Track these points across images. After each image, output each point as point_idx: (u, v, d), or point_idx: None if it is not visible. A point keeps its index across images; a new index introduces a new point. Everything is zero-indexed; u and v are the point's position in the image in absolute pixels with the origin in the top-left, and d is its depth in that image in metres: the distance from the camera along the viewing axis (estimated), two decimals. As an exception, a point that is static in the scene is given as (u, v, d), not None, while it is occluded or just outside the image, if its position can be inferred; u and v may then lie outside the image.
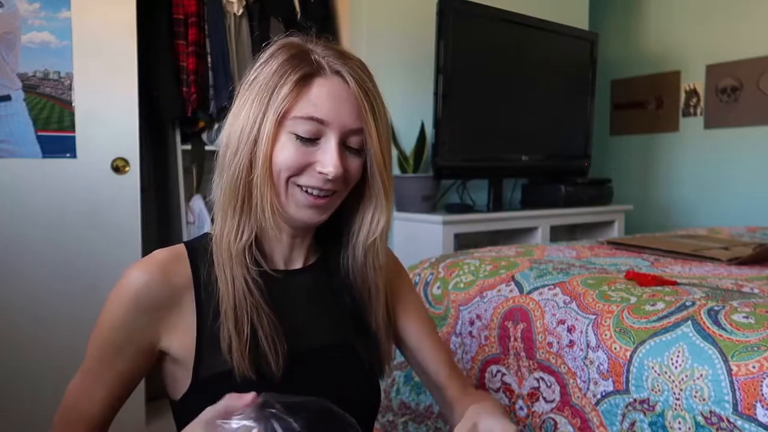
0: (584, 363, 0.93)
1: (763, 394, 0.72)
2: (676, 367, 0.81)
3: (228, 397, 0.61)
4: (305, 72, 0.72)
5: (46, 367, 1.90)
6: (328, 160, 0.72)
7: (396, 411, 1.25)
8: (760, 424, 0.71)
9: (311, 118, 0.71)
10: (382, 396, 0.90)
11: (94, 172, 1.96)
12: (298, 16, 2.42)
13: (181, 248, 0.77)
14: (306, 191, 0.73)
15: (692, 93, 3.27)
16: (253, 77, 0.74)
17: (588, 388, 0.92)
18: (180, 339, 0.73)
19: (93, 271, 1.95)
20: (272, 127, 0.71)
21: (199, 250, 0.76)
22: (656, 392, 0.82)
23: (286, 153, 0.72)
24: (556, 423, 0.96)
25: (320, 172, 0.72)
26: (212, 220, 0.78)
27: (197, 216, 2.31)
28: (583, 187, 2.84)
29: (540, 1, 2.91)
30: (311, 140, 0.72)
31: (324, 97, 0.72)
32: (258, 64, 0.75)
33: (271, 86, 0.72)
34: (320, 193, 0.73)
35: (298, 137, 0.72)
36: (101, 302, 0.74)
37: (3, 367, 1.85)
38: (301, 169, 0.73)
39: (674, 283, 1.05)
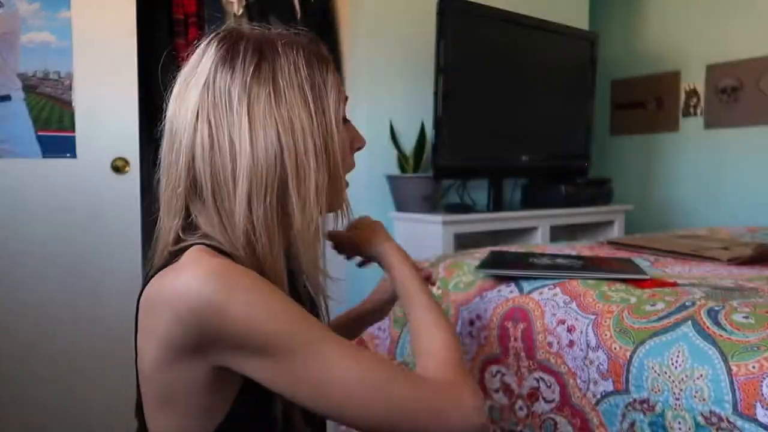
0: (584, 363, 0.93)
1: (763, 394, 0.72)
2: (676, 367, 0.81)
3: None
4: (324, 54, 0.71)
5: (46, 368, 1.90)
6: (359, 133, 0.72)
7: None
8: (760, 424, 0.71)
9: (346, 98, 0.71)
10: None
11: (94, 172, 1.96)
12: (298, 16, 2.43)
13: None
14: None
15: (692, 93, 3.26)
16: (263, 77, 0.65)
17: (588, 388, 0.92)
18: None
19: (93, 272, 1.95)
20: (336, 120, 0.68)
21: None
22: (656, 392, 0.82)
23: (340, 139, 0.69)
24: (555, 423, 0.96)
25: (358, 148, 0.72)
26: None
27: (197, 216, 2.31)
28: (583, 187, 2.84)
29: (540, 1, 2.91)
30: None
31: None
32: (261, 62, 0.65)
33: (311, 80, 0.66)
34: None
35: (344, 120, 0.71)
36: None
37: (3, 367, 1.85)
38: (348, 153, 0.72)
39: (674, 284, 1.05)
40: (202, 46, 0.68)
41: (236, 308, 0.56)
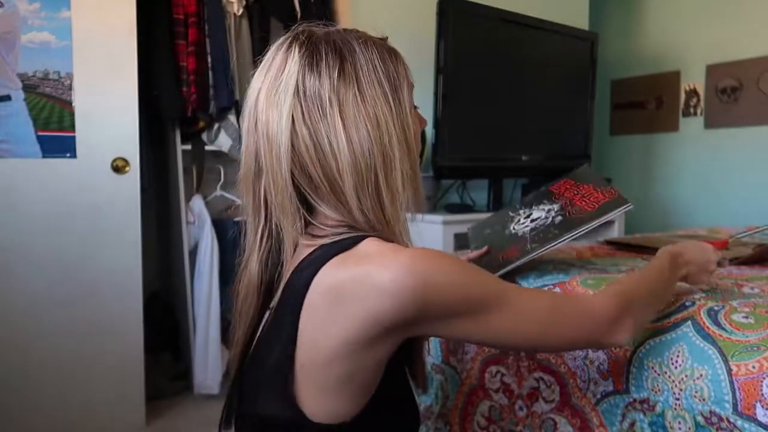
0: (584, 363, 0.93)
1: (763, 394, 0.72)
2: (676, 367, 0.81)
3: None
4: (392, 46, 0.75)
5: (46, 368, 1.90)
6: (420, 115, 0.77)
7: (396, 411, 1.25)
8: (760, 424, 0.71)
9: (413, 85, 0.75)
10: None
11: (94, 172, 1.96)
12: (298, 16, 2.43)
13: None
14: None
15: (692, 93, 3.27)
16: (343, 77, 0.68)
17: (588, 388, 0.92)
18: None
19: (93, 271, 1.95)
20: (410, 108, 0.73)
21: None
22: (656, 392, 0.82)
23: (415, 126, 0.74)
24: (555, 423, 0.96)
25: (422, 129, 0.77)
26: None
27: (197, 216, 2.31)
28: (583, 187, 2.84)
29: (540, 1, 2.91)
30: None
31: None
32: (347, 57, 0.70)
33: (387, 73, 0.71)
34: None
35: (415, 107, 0.76)
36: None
37: (3, 367, 1.85)
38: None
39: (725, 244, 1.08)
40: (282, 50, 0.70)
41: (450, 281, 0.63)
